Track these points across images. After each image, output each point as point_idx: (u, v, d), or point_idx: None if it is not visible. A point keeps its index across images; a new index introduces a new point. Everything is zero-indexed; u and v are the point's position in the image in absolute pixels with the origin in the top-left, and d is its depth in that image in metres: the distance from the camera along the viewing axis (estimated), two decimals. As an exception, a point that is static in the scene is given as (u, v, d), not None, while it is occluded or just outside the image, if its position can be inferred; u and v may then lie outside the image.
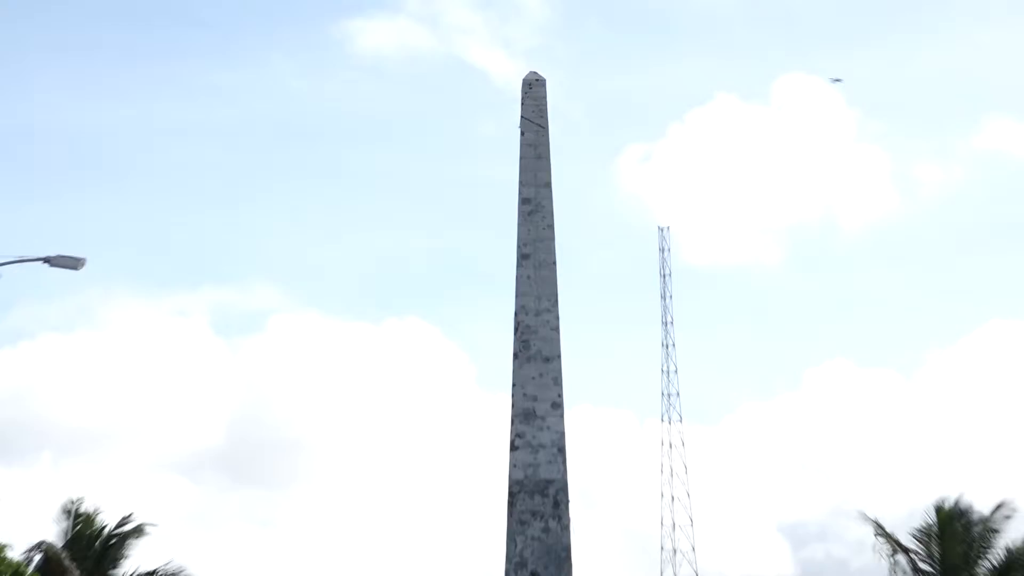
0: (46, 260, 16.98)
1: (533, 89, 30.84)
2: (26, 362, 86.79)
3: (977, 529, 29.38)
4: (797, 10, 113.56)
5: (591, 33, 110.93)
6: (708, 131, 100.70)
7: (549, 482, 27.61)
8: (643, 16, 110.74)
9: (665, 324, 61.40)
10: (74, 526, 29.73)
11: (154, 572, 30.71)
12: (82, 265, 17.45)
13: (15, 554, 29.60)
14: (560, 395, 28.55)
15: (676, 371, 63.64)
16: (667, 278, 61.63)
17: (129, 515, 31.03)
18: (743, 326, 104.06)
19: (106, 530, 30.31)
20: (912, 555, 29.35)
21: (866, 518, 30.85)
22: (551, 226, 29.67)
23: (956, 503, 29.84)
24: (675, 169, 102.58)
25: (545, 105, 30.81)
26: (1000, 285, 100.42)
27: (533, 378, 28.46)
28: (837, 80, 70.30)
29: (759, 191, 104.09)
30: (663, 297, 61.52)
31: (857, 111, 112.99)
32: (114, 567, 30.39)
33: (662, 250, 62.52)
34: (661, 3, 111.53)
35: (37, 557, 28.24)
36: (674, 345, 63.57)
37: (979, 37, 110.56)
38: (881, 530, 29.94)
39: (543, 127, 30.33)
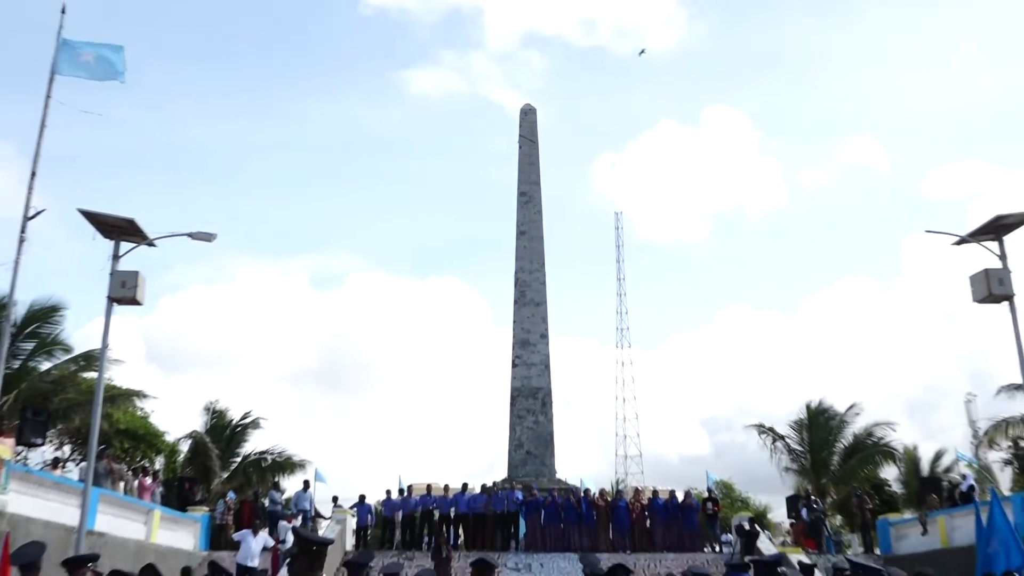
0: (190, 235, 17.66)
1: (527, 116, 35.70)
2: (180, 307, 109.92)
3: (834, 422, 34.18)
4: (719, 58, 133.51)
5: (574, 76, 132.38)
6: (656, 146, 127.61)
7: (538, 389, 32.46)
8: (610, 64, 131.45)
9: (619, 279, 71.92)
10: (211, 420, 33.94)
11: (266, 451, 34.40)
12: (214, 238, 17.92)
13: (171, 438, 35.57)
14: (546, 329, 33.36)
15: (627, 312, 75.71)
16: (621, 248, 72.75)
17: (248, 412, 35.05)
18: (676, 281, 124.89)
19: (233, 422, 34.48)
20: (788, 440, 34.35)
21: (761, 426, 35.48)
22: (540, 211, 34.63)
23: (820, 403, 34.87)
24: (632, 172, 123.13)
25: (536, 126, 35.48)
26: (851, 255, 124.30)
27: (527, 317, 33.26)
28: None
29: (691, 188, 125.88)
30: (618, 260, 72.40)
31: (760, 131, 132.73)
32: (239, 448, 34.44)
33: (617, 228, 73.85)
34: (622, 55, 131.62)
35: (188, 441, 33.03)
36: (625, 294, 75.82)
37: (851, 75, 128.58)
38: (764, 427, 35.01)
39: (534, 142, 35.06)
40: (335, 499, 28.07)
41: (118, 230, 16.73)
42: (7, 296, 19.40)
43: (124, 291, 16.38)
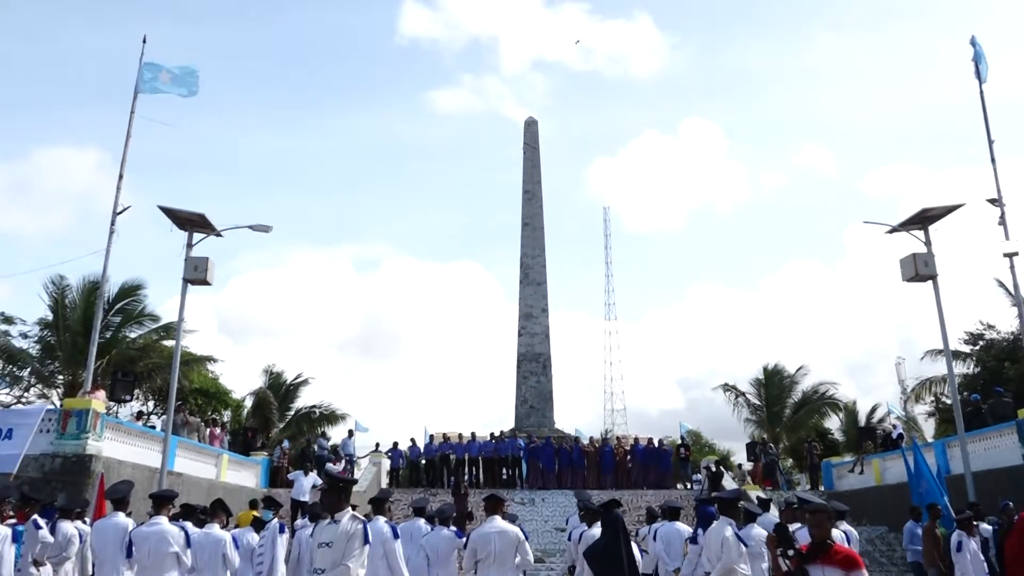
0: (251, 227, 17.62)
1: (530, 127, 35.40)
2: (245, 287, 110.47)
3: (786, 381, 34.03)
4: (695, 79, 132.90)
5: (573, 95, 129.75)
6: (640, 152, 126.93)
7: (540, 354, 32.40)
8: (602, 84, 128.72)
9: (607, 263, 71.38)
10: (269, 380, 33.70)
11: (314, 406, 34.06)
12: (270, 229, 17.81)
13: (236, 396, 36.35)
14: (546, 304, 33.23)
15: (613, 290, 77.69)
16: (608, 236, 71.23)
17: (300, 373, 34.62)
18: (655, 264, 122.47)
19: (287, 382, 34.12)
20: (748, 396, 34.33)
21: (726, 385, 35.40)
22: (541, 206, 34.30)
23: (775, 366, 34.64)
24: (621, 174, 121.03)
25: (537, 136, 35.21)
26: (802, 242, 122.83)
27: (531, 295, 33.11)
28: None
29: (670, 187, 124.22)
30: (606, 247, 71.17)
31: (729, 140, 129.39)
32: (292, 403, 34.00)
33: (605, 220, 71.87)
34: (613, 77, 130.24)
35: (251, 398, 32.64)
36: (612, 275, 77.70)
37: (804, 91, 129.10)
38: (728, 386, 35.04)
39: (536, 148, 34.85)
40: (377, 445, 28.14)
41: (191, 223, 16.78)
42: (100, 278, 19.56)
43: (196, 274, 16.47)
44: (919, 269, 16.28)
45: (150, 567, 7.13)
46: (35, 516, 9.20)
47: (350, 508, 6.00)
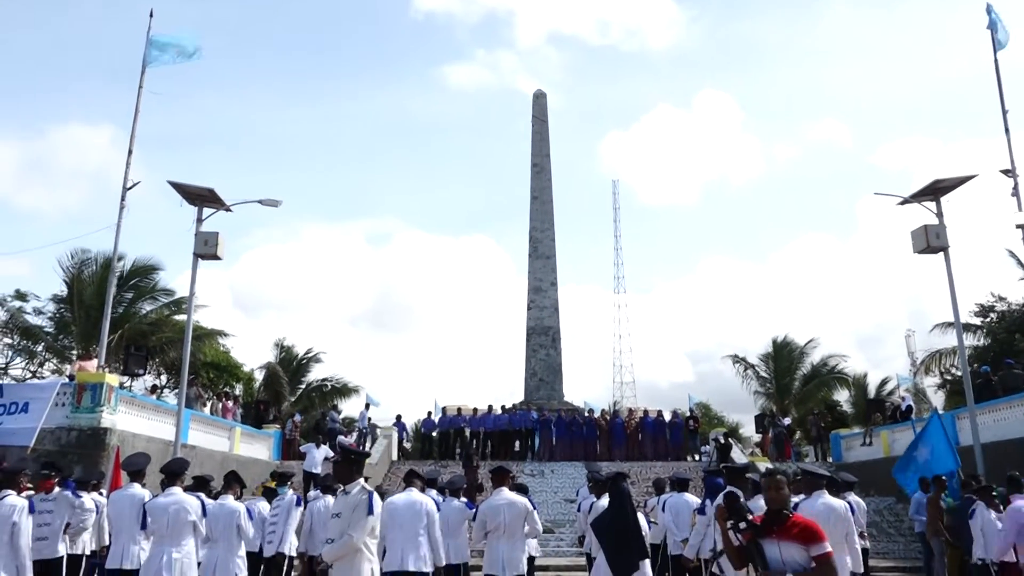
0: (260, 201, 17.25)
1: (539, 99, 35.07)
2: (258, 262, 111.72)
3: (795, 353, 34.12)
4: (712, 52, 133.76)
5: (588, 68, 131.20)
6: (654, 126, 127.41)
7: (549, 327, 32.42)
8: (618, 59, 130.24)
9: (616, 236, 71.56)
10: (280, 354, 34.20)
11: (326, 380, 34.61)
12: (279, 204, 17.43)
13: (248, 369, 35.67)
14: (555, 278, 33.09)
15: (623, 263, 75.54)
16: (617, 210, 71.30)
17: (311, 348, 35.06)
18: (667, 237, 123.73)
19: (298, 356, 34.58)
20: (757, 368, 34.50)
21: (735, 357, 35.37)
22: (550, 180, 34.09)
23: (784, 338, 34.72)
24: (635, 148, 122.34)
25: (546, 108, 34.84)
26: (814, 215, 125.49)
27: (540, 268, 33.02)
28: None
29: (684, 161, 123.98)
30: (615, 220, 71.25)
31: (744, 113, 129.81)
32: (303, 377, 34.53)
33: (614, 193, 71.85)
34: (629, 52, 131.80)
35: (263, 371, 32.89)
36: (621, 248, 75.46)
37: (824, 63, 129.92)
38: (738, 358, 35.03)
39: (545, 121, 34.45)
40: (399, 417, 28.27)
41: (201, 198, 16.76)
42: (112, 253, 19.65)
43: (207, 248, 16.50)
44: (930, 241, 16.16)
45: (168, 537, 7.26)
46: (71, 486, 9.54)
47: (362, 480, 6.09)
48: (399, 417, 27.23)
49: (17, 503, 7.02)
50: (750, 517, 4.35)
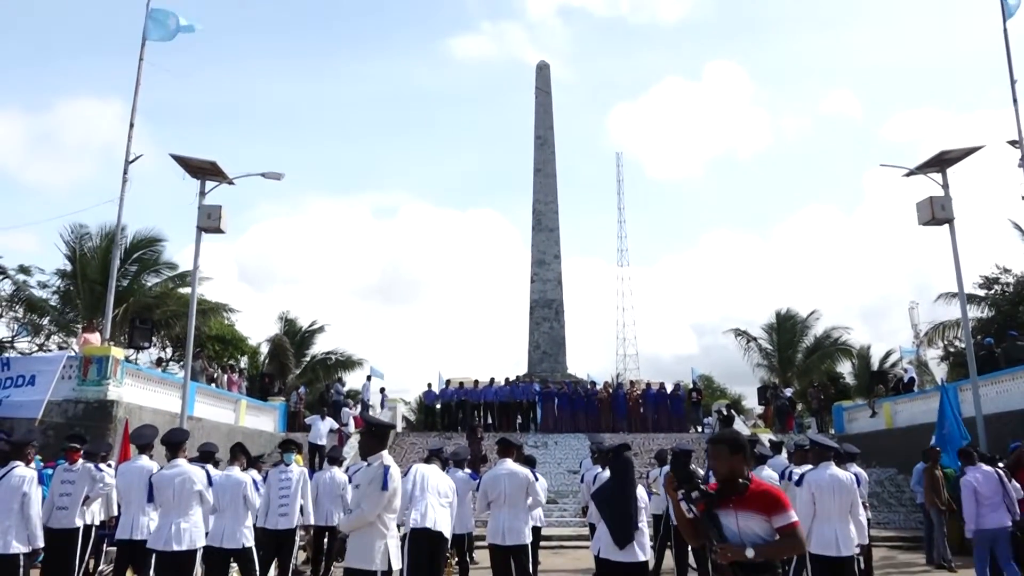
0: (263, 174, 17.14)
1: (542, 71, 34.56)
2: (264, 236, 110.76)
3: (798, 326, 34.28)
4: (723, 22, 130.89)
5: (596, 41, 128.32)
6: (662, 98, 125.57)
7: (552, 300, 32.34)
8: (626, 31, 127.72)
9: (620, 208, 71.07)
10: (284, 327, 34.46)
11: (330, 352, 34.94)
12: (282, 177, 17.31)
13: (253, 343, 36.70)
14: (559, 251, 32.93)
15: (626, 236, 77.67)
16: (621, 183, 70.13)
17: (315, 320, 35.29)
18: (672, 211, 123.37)
19: (302, 329, 34.80)
20: (759, 340, 34.59)
21: (737, 330, 35.56)
22: (553, 152, 33.76)
23: (787, 311, 34.86)
24: (643, 120, 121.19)
25: (549, 80, 34.33)
26: (821, 188, 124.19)
27: (543, 241, 32.88)
28: None
29: (692, 135, 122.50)
30: (618, 193, 70.45)
31: (754, 85, 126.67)
32: (307, 350, 34.83)
33: (618, 166, 70.40)
34: (638, 22, 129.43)
35: (268, 344, 33.40)
36: (625, 221, 76.75)
37: (835, 33, 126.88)
38: (740, 331, 35.17)
39: (548, 93, 33.97)
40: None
41: (203, 171, 16.72)
42: (115, 227, 19.66)
43: (210, 222, 16.46)
44: (936, 212, 16.09)
45: (176, 507, 7.34)
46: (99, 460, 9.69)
47: (384, 453, 6.12)
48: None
49: (26, 474, 7.09)
50: (704, 486, 3.89)
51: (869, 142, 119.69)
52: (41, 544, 7.18)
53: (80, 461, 9.50)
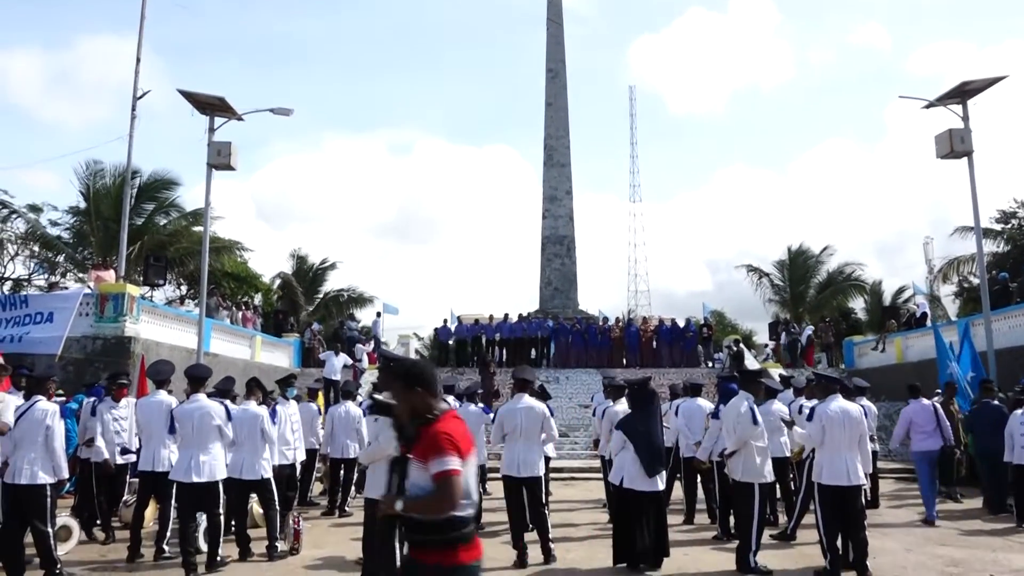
0: (272, 110, 16.92)
1: (554, 1, 33.49)
2: (281, 173, 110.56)
3: (811, 261, 34.14)
4: None
5: None
6: (685, 31, 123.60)
7: (564, 236, 32.13)
8: None
9: (632, 144, 70.56)
10: (296, 264, 34.85)
11: (343, 290, 35.39)
12: (291, 113, 17.07)
13: (267, 280, 37.99)
14: (571, 187, 32.62)
15: (639, 171, 77.58)
16: (634, 117, 69.95)
17: (326, 258, 35.60)
18: (692, 145, 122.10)
19: (314, 266, 35.16)
20: (771, 276, 34.57)
21: (749, 265, 35.56)
22: (564, 86, 33.14)
23: (800, 246, 34.77)
24: (666, 53, 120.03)
25: (561, 10, 33.34)
26: (845, 118, 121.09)
27: (555, 176, 32.49)
28: None
29: (715, 67, 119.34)
30: (631, 128, 69.82)
31: (780, 16, 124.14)
32: (320, 287, 35.29)
33: (631, 100, 68.81)
34: None
35: (278, 280, 34.02)
36: (637, 156, 77.61)
37: None
38: (751, 266, 35.17)
39: (559, 24, 33.03)
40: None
41: (211, 107, 16.57)
42: (125, 165, 19.60)
43: (220, 159, 16.40)
44: (954, 145, 15.79)
45: (196, 441, 7.52)
46: (99, 392, 10.18)
47: None
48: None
49: (48, 407, 7.25)
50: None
51: (894, 76, 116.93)
52: (66, 475, 7.38)
53: (126, 398, 9.80)
